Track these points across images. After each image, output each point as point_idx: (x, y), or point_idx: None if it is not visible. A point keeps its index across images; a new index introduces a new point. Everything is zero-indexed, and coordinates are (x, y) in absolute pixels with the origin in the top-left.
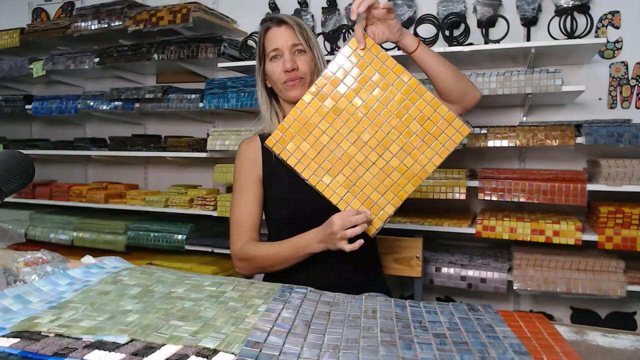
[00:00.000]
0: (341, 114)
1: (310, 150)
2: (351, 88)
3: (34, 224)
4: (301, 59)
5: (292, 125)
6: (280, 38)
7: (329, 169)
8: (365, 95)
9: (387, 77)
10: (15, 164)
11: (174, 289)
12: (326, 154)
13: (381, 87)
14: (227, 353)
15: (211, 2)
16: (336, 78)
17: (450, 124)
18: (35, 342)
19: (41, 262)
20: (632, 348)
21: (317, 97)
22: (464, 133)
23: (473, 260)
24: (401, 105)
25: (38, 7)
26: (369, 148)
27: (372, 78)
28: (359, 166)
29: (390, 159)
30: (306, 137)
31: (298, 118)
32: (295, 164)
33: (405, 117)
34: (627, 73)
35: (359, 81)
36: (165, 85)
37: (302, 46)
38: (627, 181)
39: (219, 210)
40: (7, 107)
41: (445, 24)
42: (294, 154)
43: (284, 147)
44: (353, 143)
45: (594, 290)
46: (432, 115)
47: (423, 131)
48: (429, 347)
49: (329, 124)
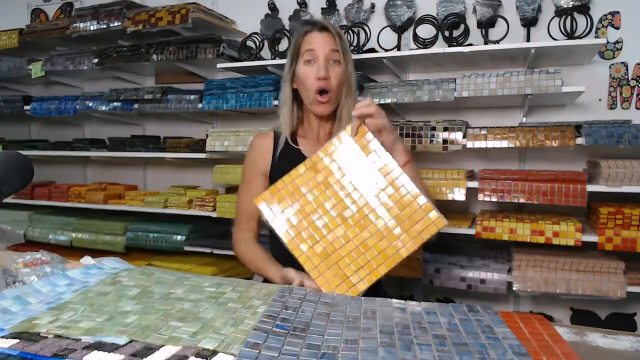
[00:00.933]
0: (329, 189)
1: (293, 216)
2: (342, 167)
3: (33, 224)
4: (334, 70)
5: (282, 189)
6: (319, 42)
7: (308, 237)
8: (354, 176)
9: (375, 163)
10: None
11: (173, 290)
12: (309, 222)
13: (369, 171)
14: (227, 354)
15: (210, 2)
16: (330, 156)
17: (427, 214)
18: (34, 343)
19: (40, 263)
20: (632, 349)
21: (312, 169)
22: (439, 225)
23: (473, 261)
24: (384, 190)
25: (37, 8)
26: (350, 224)
27: (362, 161)
28: (337, 239)
29: (367, 238)
30: (293, 203)
31: (289, 184)
32: (277, 226)
33: (385, 201)
34: (627, 74)
35: (350, 162)
36: (164, 86)
37: (339, 56)
38: (627, 182)
39: (218, 211)
40: (6, 108)
41: (444, 24)
42: (277, 216)
43: (270, 208)
44: (335, 217)
45: (593, 291)
46: (410, 204)
47: (401, 217)
48: (429, 348)
49: (316, 195)
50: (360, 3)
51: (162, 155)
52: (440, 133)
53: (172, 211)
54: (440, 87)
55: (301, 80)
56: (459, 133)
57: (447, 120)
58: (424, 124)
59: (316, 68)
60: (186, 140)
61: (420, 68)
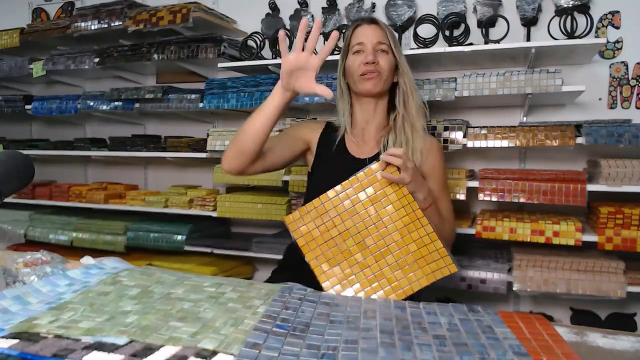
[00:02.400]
0: (354, 216)
1: (318, 238)
2: (369, 197)
3: (33, 224)
4: (383, 57)
5: (311, 212)
6: (368, 34)
7: (329, 259)
8: (379, 207)
9: (401, 199)
10: (15, 164)
11: (174, 290)
12: (332, 245)
13: (394, 205)
14: (227, 354)
15: (211, 2)
16: (360, 186)
17: (442, 257)
18: (34, 343)
19: (40, 262)
20: (632, 349)
21: (340, 196)
22: (452, 270)
23: (473, 260)
24: (405, 226)
25: (38, 7)
26: (369, 252)
27: (388, 196)
28: (356, 265)
29: (384, 268)
30: (319, 225)
31: (318, 207)
32: (303, 244)
33: (406, 236)
34: (627, 73)
35: (377, 194)
36: (165, 85)
37: (387, 47)
38: (627, 181)
39: (218, 211)
40: (7, 107)
41: (445, 24)
42: (304, 235)
43: (298, 227)
44: (357, 243)
45: (594, 291)
46: (428, 244)
47: (418, 254)
48: (429, 349)
49: (342, 221)
50: (360, 2)
51: (163, 154)
52: (441, 132)
53: (173, 211)
54: (441, 87)
55: (349, 68)
56: (459, 132)
57: (448, 120)
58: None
59: (364, 56)
60: (187, 139)
61: (421, 67)
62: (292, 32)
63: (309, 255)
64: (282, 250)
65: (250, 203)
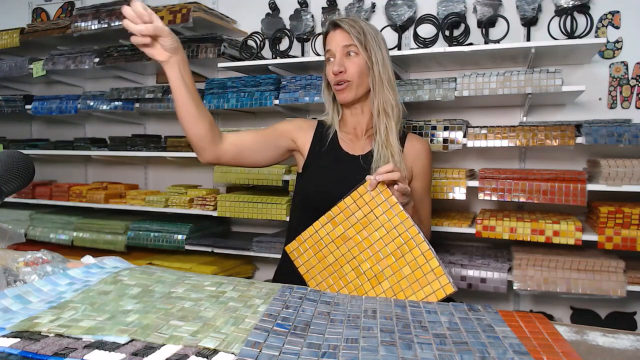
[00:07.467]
0: (347, 242)
1: (317, 265)
2: (360, 221)
3: (34, 224)
4: (352, 61)
5: (307, 240)
6: (333, 41)
7: (330, 285)
8: (370, 231)
9: (392, 220)
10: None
11: (174, 289)
12: (330, 271)
13: (385, 227)
14: (227, 353)
15: (211, 2)
16: (349, 210)
17: (437, 278)
18: (35, 342)
19: (41, 262)
20: (632, 348)
21: (331, 222)
22: (447, 291)
23: (473, 260)
24: (399, 248)
25: (38, 7)
26: (365, 277)
27: (378, 217)
28: (354, 291)
29: (380, 293)
30: (316, 253)
31: (312, 235)
32: (304, 272)
33: (400, 259)
34: (627, 73)
35: (367, 217)
36: (165, 85)
37: (356, 48)
38: (627, 181)
39: (219, 210)
40: (7, 107)
41: (445, 24)
42: (304, 264)
43: (297, 257)
44: (353, 269)
45: (594, 290)
46: (423, 265)
47: (412, 277)
48: (429, 347)
49: (336, 247)
50: (360, 2)
51: (163, 154)
52: (441, 132)
53: (173, 210)
54: (441, 87)
55: (327, 78)
56: (459, 132)
57: (448, 120)
58: (425, 123)
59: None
60: (187, 139)
61: (421, 67)
62: (293, 31)
63: (311, 283)
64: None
65: (250, 202)
